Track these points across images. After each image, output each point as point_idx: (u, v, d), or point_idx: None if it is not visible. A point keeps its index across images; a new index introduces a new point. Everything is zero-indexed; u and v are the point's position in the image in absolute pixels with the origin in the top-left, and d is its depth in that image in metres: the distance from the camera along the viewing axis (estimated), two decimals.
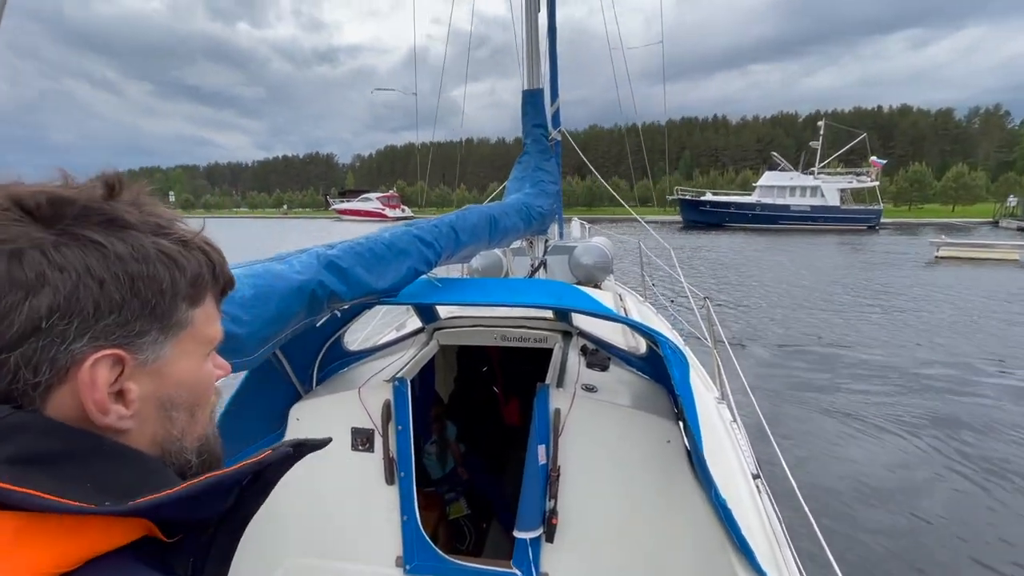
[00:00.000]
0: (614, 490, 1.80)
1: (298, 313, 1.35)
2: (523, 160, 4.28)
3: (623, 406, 1.86)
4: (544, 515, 1.81)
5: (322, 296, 1.42)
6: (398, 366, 2.19)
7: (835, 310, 11.90)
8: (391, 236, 1.89)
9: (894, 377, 7.35)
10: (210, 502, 0.46)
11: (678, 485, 1.72)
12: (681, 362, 1.62)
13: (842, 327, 10.26)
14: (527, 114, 4.35)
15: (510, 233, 3.17)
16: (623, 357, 2.34)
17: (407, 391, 1.94)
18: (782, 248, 27.14)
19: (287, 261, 1.39)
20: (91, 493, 0.40)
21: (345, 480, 2.00)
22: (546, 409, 1.83)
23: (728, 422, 2.50)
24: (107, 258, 0.43)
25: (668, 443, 1.75)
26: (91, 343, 0.43)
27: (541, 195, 3.95)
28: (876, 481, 4.67)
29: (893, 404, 6.41)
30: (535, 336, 2.52)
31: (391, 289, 1.80)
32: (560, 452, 1.81)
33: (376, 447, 1.96)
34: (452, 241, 2.28)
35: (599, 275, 4.78)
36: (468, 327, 2.56)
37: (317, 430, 1.99)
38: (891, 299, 13.11)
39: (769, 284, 15.66)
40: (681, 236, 36.11)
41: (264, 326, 1.20)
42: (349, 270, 1.54)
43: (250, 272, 1.25)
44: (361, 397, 1.97)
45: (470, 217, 2.57)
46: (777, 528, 1.79)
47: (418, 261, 1.97)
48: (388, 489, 1.96)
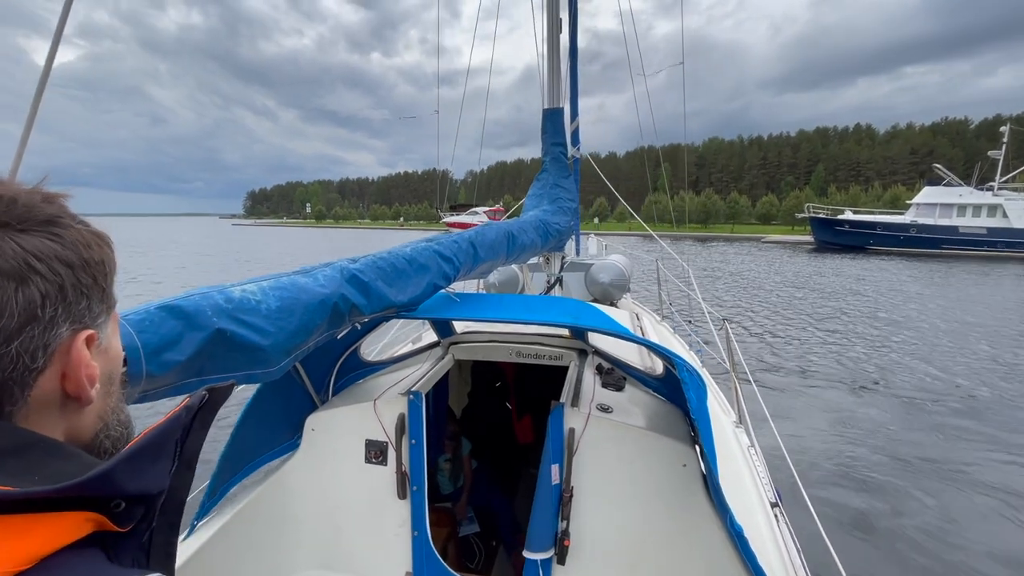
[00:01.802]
0: (628, 513, 1.77)
1: (320, 326, 1.37)
2: (541, 177, 4.32)
3: (638, 427, 1.84)
4: (556, 536, 1.78)
5: (344, 309, 1.45)
6: (413, 379, 2.20)
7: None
8: (412, 251, 1.92)
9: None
10: (153, 468, 0.47)
11: (693, 510, 1.69)
12: (698, 385, 1.60)
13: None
14: (547, 132, 4.39)
15: (528, 249, 3.19)
16: (639, 377, 2.32)
17: (422, 405, 1.95)
18: (953, 278, 21.18)
19: (312, 274, 1.41)
20: (39, 485, 0.40)
21: (357, 492, 2.00)
22: (560, 428, 1.81)
23: (746, 447, 2.45)
24: (66, 246, 0.46)
25: (684, 467, 1.72)
26: (71, 327, 0.46)
27: (559, 212, 3.97)
28: (906, 517, 4.50)
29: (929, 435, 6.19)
30: (550, 353, 2.52)
31: (411, 303, 1.82)
32: (573, 472, 1.79)
33: (389, 460, 1.96)
34: (471, 257, 2.30)
35: (616, 293, 4.76)
36: (483, 342, 2.57)
37: (332, 441, 2.00)
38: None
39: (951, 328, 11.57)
40: (811, 259, 31.04)
41: (288, 338, 1.22)
42: (371, 284, 1.57)
43: (276, 285, 1.27)
44: (376, 409, 1.97)
45: (489, 233, 2.59)
46: (796, 559, 1.74)
47: (437, 276, 1.99)
48: (400, 503, 1.96)
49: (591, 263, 4.98)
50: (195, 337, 1.01)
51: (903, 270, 24.74)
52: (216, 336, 1.05)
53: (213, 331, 1.05)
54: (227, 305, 1.11)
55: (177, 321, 1.00)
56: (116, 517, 0.45)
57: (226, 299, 1.12)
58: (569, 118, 4.78)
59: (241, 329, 1.10)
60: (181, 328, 1.00)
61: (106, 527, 0.44)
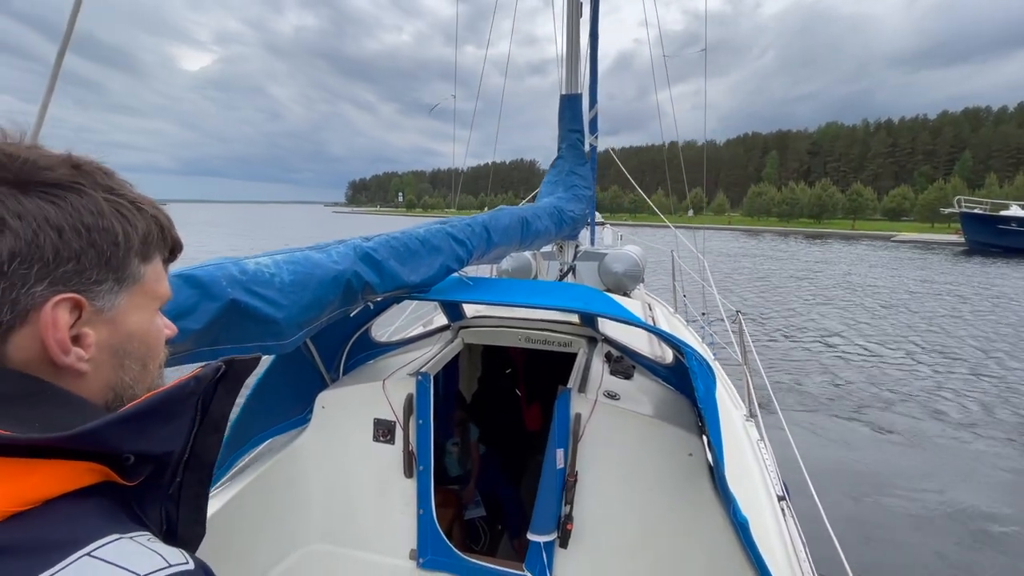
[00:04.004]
0: (632, 500, 1.77)
1: (333, 302, 1.38)
2: (558, 164, 4.28)
3: (645, 415, 1.83)
4: (559, 520, 1.80)
5: (357, 287, 1.46)
6: (422, 361, 2.21)
7: None
8: (426, 232, 1.92)
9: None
10: (157, 430, 0.47)
11: (697, 499, 1.68)
12: (707, 375, 1.58)
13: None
14: (564, 119, 4.34)
15: (541, 236, 3.17)
16: (648, 366, 2.31)
17: (429, 386, 1.96)
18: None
19: (326, 251, 1.43)
20: (39, 432, 0.40)
21: (365, 469, 2.03)
22: (567, 413, 1.81)
23: (755, 440, 2.43)
24: (64, 210, 0.46)
25: (690, 456, 1.71)
26: (50, 288, 0.45)
27: (574, 200, 3.93)
28: (916, 512, 4.44)
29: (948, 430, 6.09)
30: (560, 340, 2.51)
31: (423, 284, 1.83)
32: (579, 457, 1.79)
33: (397, 439, 1.99)
34: (484, 241, 2.30)
35: (629, 284, 4.72)
36: (493, 327, 2.57)
37: (341, 419, 2.03)
38: None
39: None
40: (966, 264, 24.35)
41: (300, 312, 1.24)
42: (384, 263, 1.57)
43: (290, 259, 1.29)
44: (385, 389, 1.99)
45: (503, 218, 2.58)
46: (801, 552, 1.73)
47: (450, 258, 1.99)
48: (406, 482, 1.99)
49: (605, 253, 4.94)
50: (210, 307, 1.02)
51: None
52: (230, 306, 1.07)
53: (227, 301, 1.06)
54: (241, 277, 1.12)
55: (193, 290, 1.02)
56: (124, 471, 0.46)
57: (240, 271, 1.14)
58: (588, 105, 4.73)
59: (255, 301, 1.12)
60: (197, 297, 1.02)
61: (112, 479, 0.45)
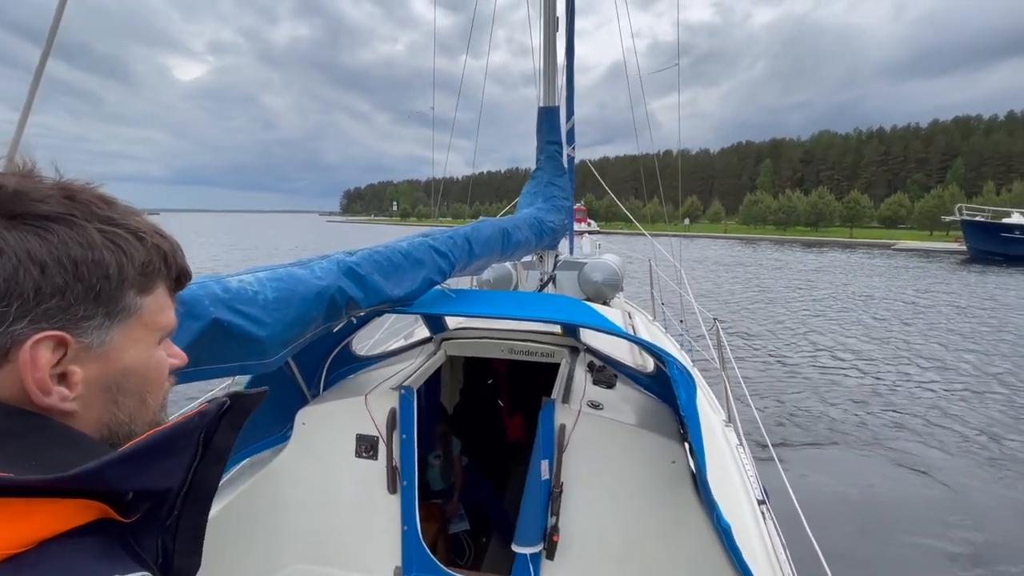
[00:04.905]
0: (616, 509, 1.79)
1: (317, 318, 1.37)
2: (536, 175, 4.33)
3: (628, 424, 1.86)
4: (545, 531, 1.80)
5: (341, 302, 1.45)
6: (405, 374, 2.20)
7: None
8: (408, 245, 1.92)
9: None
10: (158, 467, 0.46)
11: (681, 506, 1.71)
12: (688, 383, 1.62)
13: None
14: (542, 131, 4.40)
15: (522, 247, 3.20)
16: (630, 375, 2.34)
17: (413, 400, 1.95)
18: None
19: (309, 266, 1.42)
20: (36, 471, 0.39)
21: (347, 486, 2.00)
22: (551, 424, 1.83)
23: (734, 445, 2.48)
24: (49, 243, 0.44)
25: (672, 463, 1.74)
26: (32, 325, 0.44)
27: (553, 210, 3.98)
28: (887, 513, 4.58)
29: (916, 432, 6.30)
30: (542, 350, 2.53)
31: (406, 298, 1.82)
32: (563, 468, 1.80)
33: (380, 455, 1.96)
34: (466, 253, 2.31)
35: (608, 292, 4.78)
36: (476, 339, 2.58)
37: (323, 435, 2.00)
38: None
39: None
40: (967, 274, 23.91)
41: (284, 329, 1.22)
42: (367, 277, 1.57)
43: (274, 276, 1.27)
44: (367, 404, 1.98)
45: (484, 229, 2.60)
46: (781, 555, 1.77)
47: (433, 271, 2.00)
48: (390, 498, 1.96)
49: (584, 262, 5.00)
50: (192, 326, 1.00)
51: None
52: (213, 326, 1.05)
53: (210, 320, 1.04)
54: (224, 295, 1.11)
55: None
56: (122, 507, 0.45)
57: (223, 289, 1.12)
58: (564, 117, 4.80)
59: (238, 319, 1.10)
60: (178, 317, 1.00)
61: (109, 515, 0.44)
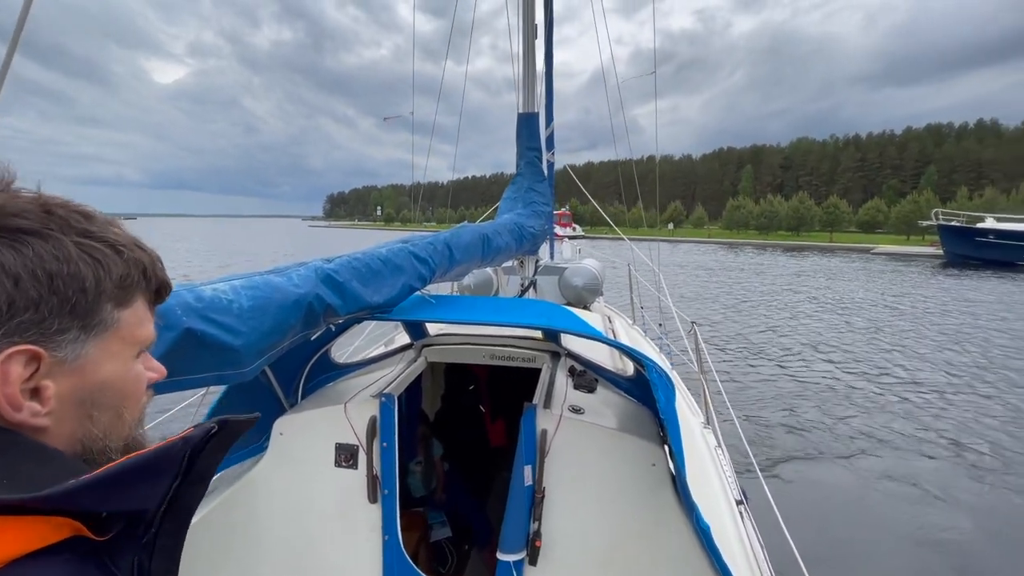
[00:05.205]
0: (598, 513, 1.80)
1: (294, 326, 1.35)
2: (517, 181, 4.35)
3: (609, 428, 1.87)
4: (528, 537, 1.80)
5: (319, 310, 1.43)
6: (385, 382, 2.18)
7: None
8: (387, 252, 1.91)
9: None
10: (136, 490, 0.45)
11: (662, 509, 1.73)
12: (667, 386, 1.64)
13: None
14: (522, 137, 4.43)
15: (502, 252, 3.21)
16: (610, 379, 2.36)
17: (394, 407, 1.94)
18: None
19: (286, 274, 1.40)
20: (7, 489, 0.39)
21: (327, 497, 1.97)
22: (532, 430, 1.83)
23: (713, 447, 2.52)
24: (24, 256, 0.44)
25: (653, 466, 1.76)
26: (4, 339, 0.43)
27: (533, 216, 4.00)
28: (865, 515, 4.69)
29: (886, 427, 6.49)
30: (523, 356, 2.53)
31: (385, 304, 1.81)
32: (545, 473, 1.80)
33: (360, 464, 1.94)
34: (446, 258, 2.30)
35: (588, 297, 4.82)
36: (457, 344, 2.57)
37: (301, 445, 1.96)
38: None
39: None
40: (944, 277, 24.26)
41: (261, 338, 1.20)
42: (346, 284, 1.55)
43: (249, 284, 1.25)
44: (347, 412, 1.95)
45: (464, 235, 2.60)
46: (760, 554, 1.80)
47: (412, 277, 1.98)
48: (370, 507, 1.94)
49: (565, 267, 5.04)
50: (165, 337, 0.98)
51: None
52: (186, 335, 1.03)
53: (183, 330, 1.02)
54: (197, 304, 1.08)
55: None
56: (97, 526, 0.44)
57: (196, 298, 1.10)
58: (544, 123, 4.83)
59: (212, 328, 1.08)
60: None
61: (83, 533, 0.43)
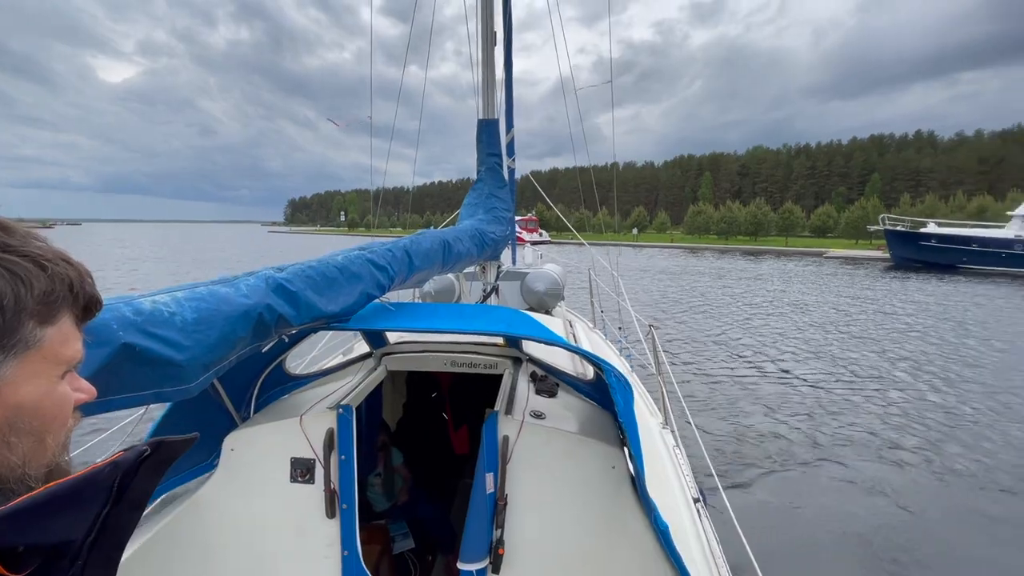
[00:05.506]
0: (560, 518, 1.81)
1: (243, 338, 1.30)
2: (477, 187, 4.35)
3: (570, 432, 1.89)
4: (490, 545, 1.79)
5: (270, 320, 1.38)
6: (343, 392, 2.12)
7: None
8: (344, 259, 1.87)
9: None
10: (58, 520, 0.42)
11: (622, 510, 1.75)
12: (625, 389, 1.67)
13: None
14: (482, 142, 4.44)
15: (463, 258, 3.19)
16: (571, 383, 2.39)
17: (352, 419, 1.89)
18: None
19: (233, 284, 1.34)
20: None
21: (283, 514, 1.90)
22: (494, 436, 1.83)
23: (671, 447, 2.59)
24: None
25: (613, 468, 1.79)
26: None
27: (494, 222, 4.01)
28: (818, 513, 4.87)
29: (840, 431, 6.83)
30: (485, 362, 2.53)
31: (342, 313, 1.77)
32: (508, 480, 1.80)
33: (317, 478, 1.88)
34: (406, 265, 2.27)
35: (550, 301, 4.87)
36: (418, 352, 2.53)
37: (253, 461, 1.88)
38: None
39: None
40: (891, 280, 25.91)
41: (206, 352, 1.15)
42: (299, 294, 1.51)
43: (193, 296, 1.19)
44: (302, 425, 1.89)
45: (424, 241, 2.57)
46: (716, 550, 1.86)
47: (371, 285, 1.95)
48: (329, 523, 1.88)
49: (527, 272, 5.07)
50: (98, 353, 0.92)
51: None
52: (123, 351, 0.97)
53: (119, 346, 0.96)
54: (136, 317, 1.02)
55: None
56: (12, 561, 0.41)
57: (135, 311, 1.03)
58: (504, 129, 4.86)
59: (152, 343, 1.02)
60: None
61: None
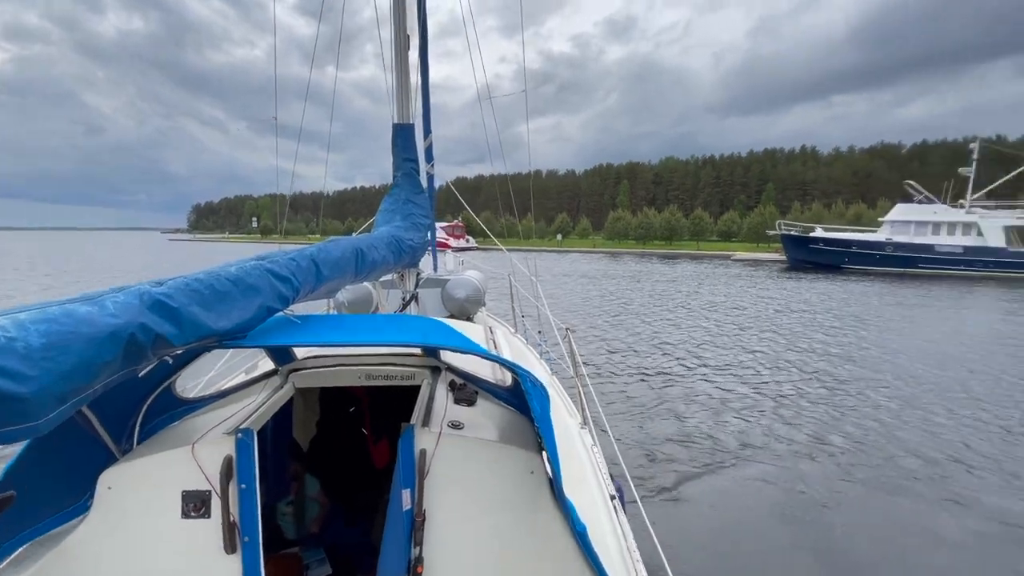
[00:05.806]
0: (480, 529, 1.79)
1: (111, 363, 1.14)
2: (394, 193, 4.24)
3: (488, 440, 1.87)
4: (409, 564, 1.72)
5: (145, 342, 1.23)
6: (244, 415, 1.96)
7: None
8: (238, 270, 1.71)
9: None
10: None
11: (541, 515, 1.76)
12: (541, 395, 1.69)
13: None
14: (397, 147, 4.33)
15: (379, 266, 3.08)
16: (490, 390, 2.38)
17: (253, 443, 1.74)
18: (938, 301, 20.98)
19: (98, 302, 1.17)
20: None
21: (173, 555, 1.70)
22: (411, 451, 1.77)
23: (589, 447, 2.66)
24: None
25: (531, 474, 1.79)
26: None
27: (412, 228, 3.92)
28: (728, 501, 5.17)
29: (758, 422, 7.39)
30: (402, 374, 2.45)
31: (237, 330, 1.62)
32: (426, 495, 1.75)
33: (214, 512, 1.71)
34: (312, 275, 2.14)
35: (471, 308, 4.85)
36: (328, 367, 2.40)
37: (136, 498, 1.67)
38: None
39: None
40: (787, 279, 29.29)
41: (59, 381, 0.99)
42: (181, 310, 1.36)
43: (42, 317, 1.03)
44: (194, 454, 1.71)
45: (333, 250, 2.44)
46: (632, 545, 1.93)
47: (271, 298, 1.80)
48: (229, 559, 1.71)
49: (447, 279, 5.02)
50: None
51: (889, 293, 23.42)
52: None
53: None
54: None
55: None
56: None
57: None
58: (422, 134, 4.79)
59: None
60: None
61: None
